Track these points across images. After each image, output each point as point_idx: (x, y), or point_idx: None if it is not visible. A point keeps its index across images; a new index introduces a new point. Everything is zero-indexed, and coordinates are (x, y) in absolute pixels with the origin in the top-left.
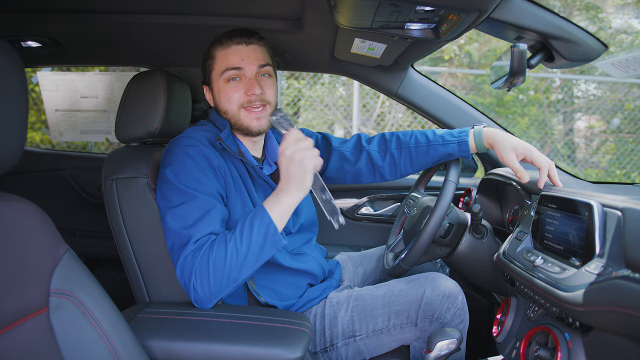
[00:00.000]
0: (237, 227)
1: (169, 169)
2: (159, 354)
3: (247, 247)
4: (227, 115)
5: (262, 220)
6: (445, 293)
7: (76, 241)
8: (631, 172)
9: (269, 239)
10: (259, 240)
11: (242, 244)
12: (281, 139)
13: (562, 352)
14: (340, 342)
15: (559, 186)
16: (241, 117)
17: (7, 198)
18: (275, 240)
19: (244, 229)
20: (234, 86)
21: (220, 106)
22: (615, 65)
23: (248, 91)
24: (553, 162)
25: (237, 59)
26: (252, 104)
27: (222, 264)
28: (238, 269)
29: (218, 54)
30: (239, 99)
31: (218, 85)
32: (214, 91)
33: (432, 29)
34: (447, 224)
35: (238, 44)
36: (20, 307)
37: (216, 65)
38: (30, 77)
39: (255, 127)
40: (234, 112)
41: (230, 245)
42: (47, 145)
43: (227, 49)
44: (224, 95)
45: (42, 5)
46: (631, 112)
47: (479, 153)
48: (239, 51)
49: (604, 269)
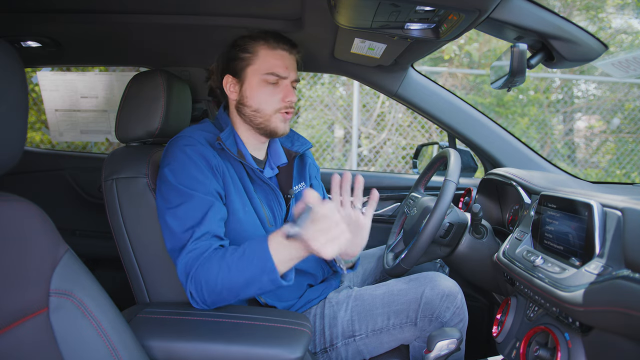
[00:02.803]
0: (236, 251)
1: (168, 168)
2: (159, 354)
3: (238, 277)
4: (257, 114)
5: (264, 264)
6: (444, 292)
7: (76, 241)
8: (631, 172)
9: (265, 277)
10: (256, 276)
11: (235, 271)
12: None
13: (562, 352)
14: (340, 342)
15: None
16: (273, 119)
17: (7, 198)
18: (273, 280)
19: (242, 257)
20: (272, 89)
21: (249, 102)
22: (615, 65)
23: (286, 97)
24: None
25: (283, 66)
26: (287, 109)
27: (214, 284)
28: (232, 293)
29: (262, 52)
30: (276, 104)
31: (253, 82)
32: (245, 86)
33: (432, 29)
34: (447, 224)
35: (284, 50)
36: (20, 307)
37: (258, 62)
38: (30, 77)
39: (281, 129)
40: (267, 114)
41: (223, 269)
42: (47, 145)
43: (273, 51)
44: (260, 96)
45: (42, 5)
46: (631, 112)
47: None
48: (284, 58)
49: (604, 269)
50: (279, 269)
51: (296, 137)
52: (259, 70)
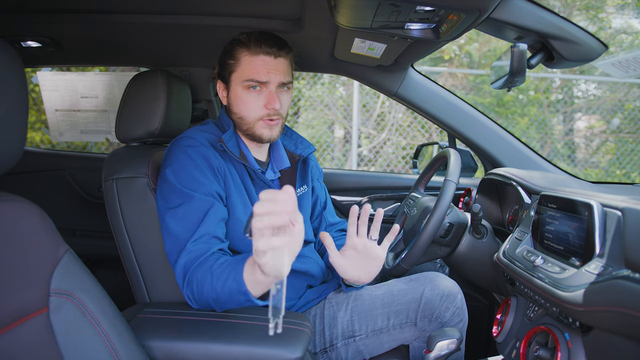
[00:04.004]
0: (222, 265)
1: (169, 169)
2: (159, 354)
3: (221, 290)
4: (242, 120)
5: (236, 282)
6: (444, 292)
7: (76, 241)
8: (631, 172)
9: (242, 297)
10: (233, 295)
11: (218, 285)
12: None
13: (562, 352)
14: (340, 343)
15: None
16: (256, 126)
17: (7, 198)
18: (249, 300)
19: (222, 274)
20: (254, 96)
21: (235, 109)
22: (615, 65)
23: (268, 104)
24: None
25: (264, 72)
26: (270, 117)
27: (201, 292)
28: (217, 304)
29: (243, 58)
30: (258, 111)
31: (236, 89)
32: (231, 93)
33: (432, 29)
34: (447, 224)
35: (267, 54)
36: (20, 307)
37: (239, 69)
38: (30, 77)
39: (266, 136)
40: (250, 121)
41: (208, 283)
42: (47, 145)
43: (254, 57)
44: (243, 103)
45: (42, 5)
46: (631, 112)
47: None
48: (267, 63)
49: (604, 269)
50: (252, 291)
51: (300, 140)
52: (240, 77)
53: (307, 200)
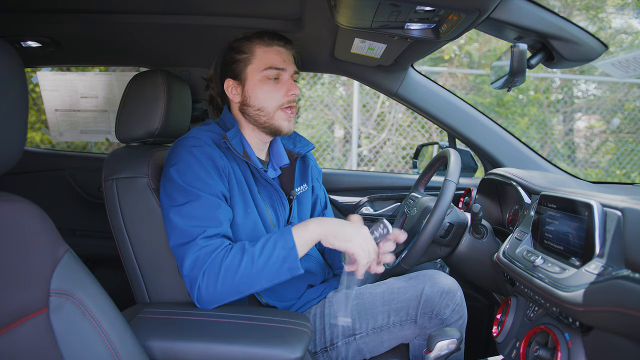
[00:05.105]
0: (258, 241)
1: (174, 168)
2: (159, 354)
3: (263, 265)
4: (260, 113)
5: (285, 243)
6: (444, 289)
7: (76, 241)
8: (631, 172)
9: (287, 264)
10: (277, 263)
11: (258, 261)
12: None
13: (562, 352)
14: (340, 342)
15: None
16: (276, 117)
17: (7, 198)
18: (293, 268)
19: (265, 246)
20: (273, 86)
21: (253, 102)
22: (615, 65)
23: (288, 91)
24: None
25: (280, 60)
26: (291, 104)
27: (234, 274)
28: (248, 284)
29: (258, 50)
30: (279, 99)
31: (253, 81)
32: (247, 86)
33: (432, 29)
34: (447, 224)
35: (279, 46)
36: (20, 307)
37: (256, 60)
38: (30, 77)
39: (286, 128)
40: (270, 111)
41: (247, 259)
42: (47, 145)
43: (269, 48)
44: (263, 93)
45: (42, 5)
46: (631, 112)
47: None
48: (281, 53)
49: (604, 269)
50: (299, 251)
51: (298, 139)
52: (258, 67)
53: (307, 199)
